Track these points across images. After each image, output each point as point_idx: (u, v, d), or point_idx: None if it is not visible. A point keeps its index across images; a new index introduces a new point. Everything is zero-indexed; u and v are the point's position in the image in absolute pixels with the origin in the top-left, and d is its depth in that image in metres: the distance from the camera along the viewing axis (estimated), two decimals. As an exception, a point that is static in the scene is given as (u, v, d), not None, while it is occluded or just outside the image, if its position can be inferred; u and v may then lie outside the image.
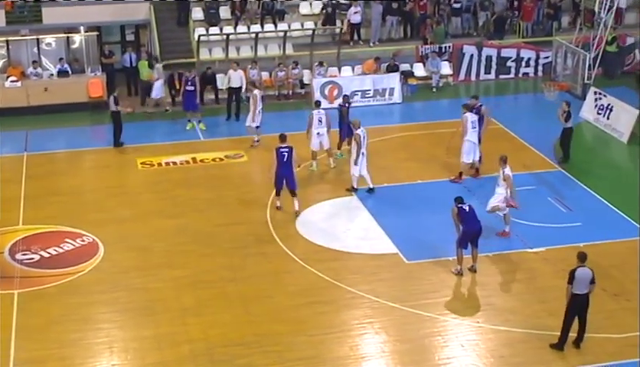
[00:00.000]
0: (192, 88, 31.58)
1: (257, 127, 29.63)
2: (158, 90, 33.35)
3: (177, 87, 33.26)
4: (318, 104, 28.77)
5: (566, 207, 25.04)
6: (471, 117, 26.48)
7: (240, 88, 32.43)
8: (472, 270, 21.52)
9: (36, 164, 28.54)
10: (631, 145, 30.10)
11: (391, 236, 23.38)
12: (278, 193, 24.91)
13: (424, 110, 34.26)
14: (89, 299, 20.56)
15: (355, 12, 37.08)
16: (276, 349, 18.43)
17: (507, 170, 22.83)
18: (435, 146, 28.66)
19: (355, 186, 25.81)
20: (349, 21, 37.31)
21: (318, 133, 27.37)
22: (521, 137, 30.44)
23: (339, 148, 28.50)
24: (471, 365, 18.05)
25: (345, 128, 27.95)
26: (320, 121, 27.39)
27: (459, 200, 21.40)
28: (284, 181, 24.59)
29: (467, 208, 21.23)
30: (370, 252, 22.66)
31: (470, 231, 21.15)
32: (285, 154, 24.37)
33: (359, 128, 25.51)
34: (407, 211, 25.07)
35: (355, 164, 25.45)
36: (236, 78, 32.36)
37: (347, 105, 28.63)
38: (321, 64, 35.12)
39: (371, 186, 25.85)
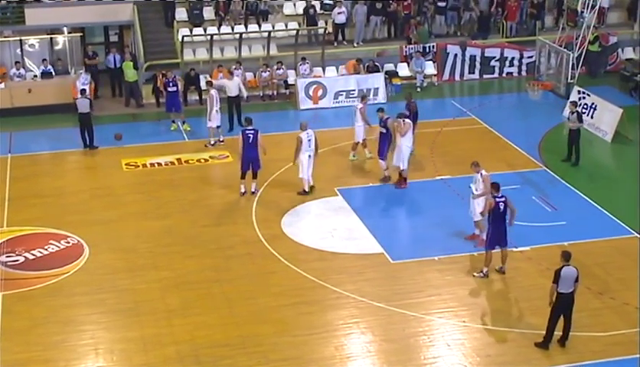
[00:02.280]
0: (174, 89, 31.53)
1: (218, 127, 29.72)
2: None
3: (161, 89, 33.13)
4: (362, 99, 28.72)
5: (551, 206, 25.11)
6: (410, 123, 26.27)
7: (239, 96, 31.60)
8: (501, 271, 21.45)
9: (20, 165, 28.43)
10: (615, 144, 30.23)
11: (376, 236, 23.40)
12: (243, 177, 25.52)
13: (408, 110, 34.35)
14: (74, 300, 20.51)
15: (339, 12, 37.07)
16: (261, 349, 18.43)
17: (484, 172, 22.45)
18: (419, 146, 28.67)
19: (307, 190, 25.86)
20: (333, 21, 37.32)
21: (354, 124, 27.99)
22: (505, 136, 30.51)
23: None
24: (457, 364, 18.08)
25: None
26: (354, 113, 27.95)
27: (497, 187, 20.96)
28: (250, 165, 25.33)
29: (502, 206, 20.87)
30: (355, 252, 22.67)
31: (499, 229, 21.02)
32: (251, 135, 25.17)
33: (305, 130, 25.58)
34: (392, 211, 25.13)
35: (295, 163, 25.63)
36: (233, 87, 31.47)
37: (412, 102, 28.73)
38: (303, 60, 35.14)
39: (306, 189, 25.87)
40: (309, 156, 25.56)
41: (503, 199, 20.92)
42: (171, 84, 31.49)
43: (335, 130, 30.73)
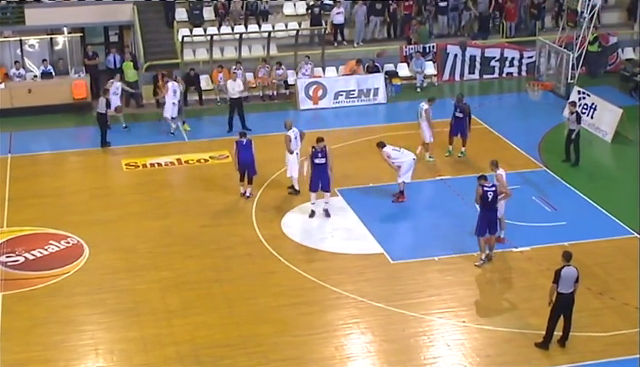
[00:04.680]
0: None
1: (172, 118, 30.43)
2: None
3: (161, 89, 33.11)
4: (429, 100, 28.72)
5: (551, 206, 25.11)
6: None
7: (240, 98, 31.34)
8: (488, 258, 21.77)
9: (20, 165, 28.42)
10: (615, 144, 30.23)
11: (376, 236, 23.40)
12: (242, 179, 25.65)
13: (408, 110, 34.09)
14: (74, 300, 20.52)
15: (338, 13, 37.03)
16: (261, 349, 18.43)
17: (500, 171, 22.57)
18: (419, 146, 28.65)
19: (297, 188, 25.91)
20: (332, 21, 37.29)
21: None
22: (505, 136, 30.53)
23: (455, 145, 28.97)
24: (457, 364, 18.08)
25: (460, 124, 28.66)
26: (420, 114, 28.20)
27: (483, 179, 21.36)
28: (245, 170, 25.45)
29: (490, 195, 21.20)
30: (355, 252, 22.67)
31: (486, 217, 21.36)
32: (245, 140, 25.29)
33: (290, 128, 25.61)
34: (392, 211, 25.10)
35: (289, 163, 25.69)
36: (236, 88, 31.22)
37: (464, 103, 28.93)
38: (307, 58, 35.09)
39: (296, 188, 25.95)
40: (296, 154, 25.59)
41: (493, 188, 21.18)
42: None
43: (335, 130, 30.72)
